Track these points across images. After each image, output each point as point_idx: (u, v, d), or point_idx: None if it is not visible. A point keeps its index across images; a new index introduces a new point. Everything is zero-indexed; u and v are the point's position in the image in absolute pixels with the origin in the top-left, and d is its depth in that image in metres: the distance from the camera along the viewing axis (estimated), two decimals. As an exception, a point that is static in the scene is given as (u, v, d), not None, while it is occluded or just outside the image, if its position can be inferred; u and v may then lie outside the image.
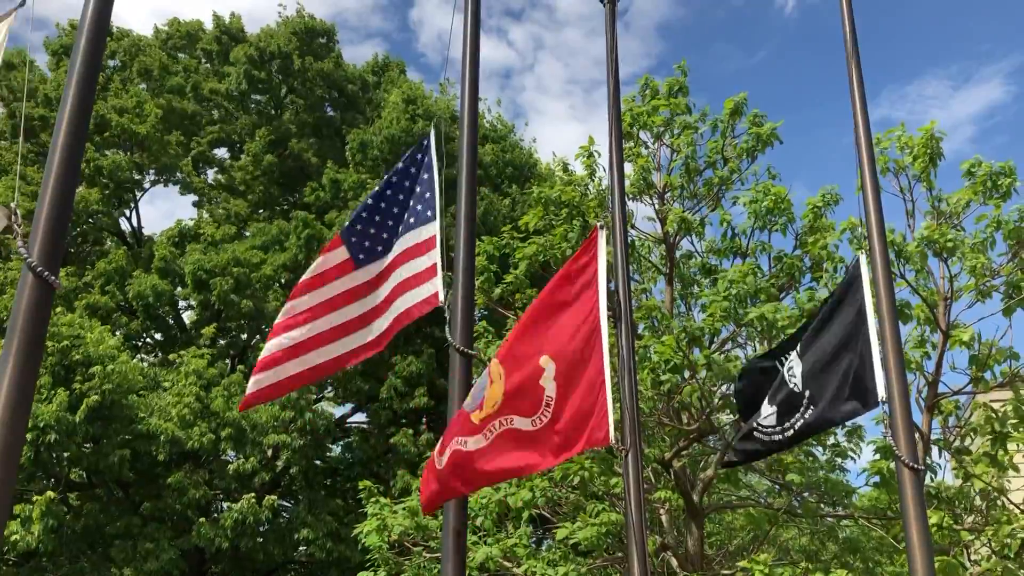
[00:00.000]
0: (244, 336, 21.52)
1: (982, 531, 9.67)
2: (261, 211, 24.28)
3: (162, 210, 59.11)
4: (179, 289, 20.83)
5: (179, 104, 24.10)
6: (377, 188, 5.85)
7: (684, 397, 10.19)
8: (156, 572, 16.12)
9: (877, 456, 9.83)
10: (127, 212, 23.81)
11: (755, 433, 5.93)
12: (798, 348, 5.80)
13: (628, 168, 12.14)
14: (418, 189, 5.73)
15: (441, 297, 5.34)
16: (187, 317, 22.40)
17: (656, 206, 12.30)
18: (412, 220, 5.66)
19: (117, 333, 19.42)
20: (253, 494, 16.91)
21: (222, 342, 21.04)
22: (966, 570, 9.49)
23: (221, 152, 26.15)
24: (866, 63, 6.16)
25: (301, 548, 19.19)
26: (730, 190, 12.11)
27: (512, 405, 4.73)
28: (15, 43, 23.56)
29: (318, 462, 19.72)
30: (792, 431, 5.73)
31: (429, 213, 5.63)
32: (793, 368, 5.78)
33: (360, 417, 22.31)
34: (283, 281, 20.84)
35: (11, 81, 21.91)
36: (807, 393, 5.64)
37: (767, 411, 5.87)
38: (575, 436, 4.71)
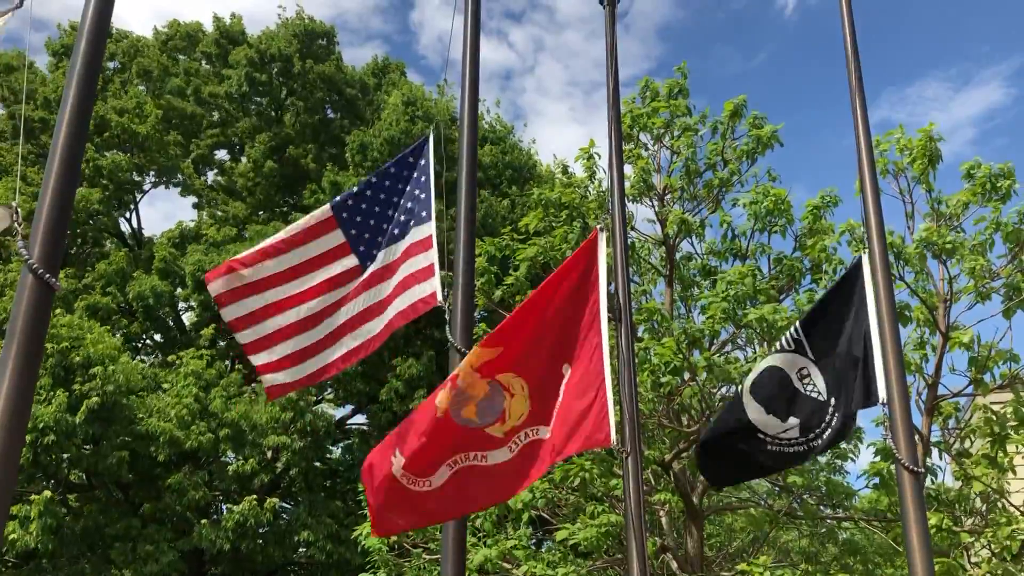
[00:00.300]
0: (244, 337, 21.48)
1: (982, 533, 9.67)
2: (261, 213, 24.29)
3: (163, 211, 59.12)
4: (179, 290, 20.83)
5: (179, 106, 24.12)
6: (376, 185, 5.83)
7: (684, 399, 10.19)
8: (156, 575, 16.11)
9: (877, 458, 9.82)
10: (127, 213, 23.84)
11: (770, 447, 5.83)
12: (810, 354, 5.74)
13: (628, 170, 12.14)
14: (416, 191, 5.75)
15: (439, 297, 5.35)
16: (187, 318, 22.41)
17: (656, 208, 12.30)
18: (412, 223, 5.69)
19: (117, 334, 19.42)
20: (254, 496, 16.90)
21: (221, 343, 21.04)
22: (966, 572, 9.48)
23: (221, 154, 26.19)
24: (866, 65, 6.16)
25: (301, 550, 19.18)
26: (730, 192, 12.12)
27: (539, 416, 4.74)
28: (15, 44, 23.57)
29: (318, 464, 19.72)
30: (821, 440, 5.67)
31: (424, 214, 5.65)
32: (811, 376, 5.72)
33: (360, 419, 22.34)
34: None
35: (12, 83, 21.93)
36: (832, 401, 5.62)
37: (782, 425, 5.76)
38: (573, 436, 4.70)
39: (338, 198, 5.82)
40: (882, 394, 5.12)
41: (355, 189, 5.86)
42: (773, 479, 11.68)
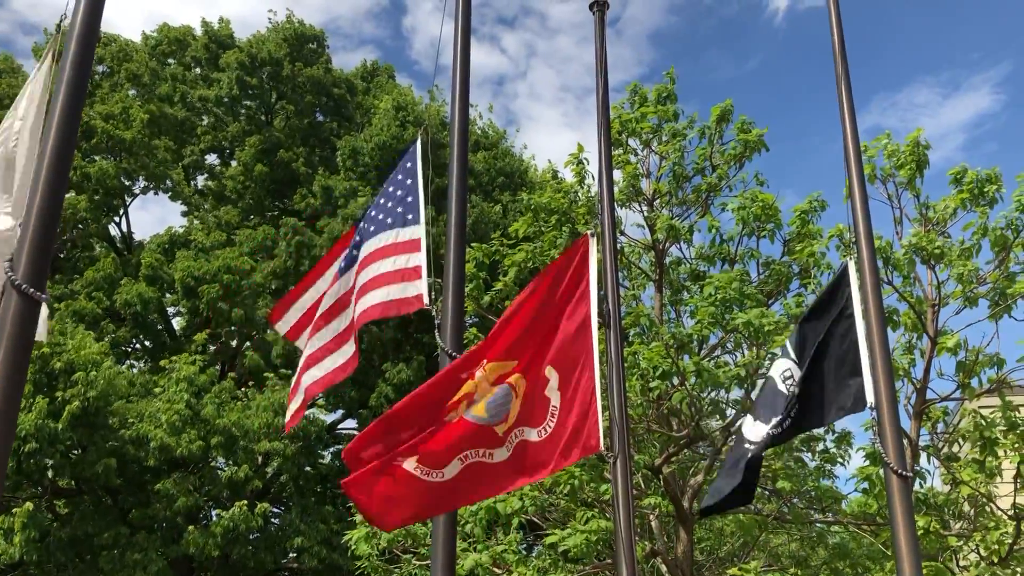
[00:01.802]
0: (234, 343, 21.45)
1: (970, 537, 9.71)
2: (251, 217, 24.22)
3: (156, 215, 59.01)
4: (167, 296, 20.73)
5: (169, 111, 24.03)
6: (381, 193, 5.97)
7: (673, 403, 10.20)
8: (145, 582, 15.98)
9: (866, 462, 9.86)
10: (116, 218, 23.71)
11: (745, 445, 5.82)
12: (793, 356, 5.75)
13: (617, 175, 12.16)
14: (399, 193, 5.77)
15: (426, 300, 5.34)
16: (176, 324, 22.31)
17: (645, 213, 12.32)
18: (390, 221, 5.70)
19: (105, 339, 19.28)
20: (244, 501, 16.81)
21: (212, 348, 20.96)
22: (954, 575, 9.53)
23: (211, 158, 26.10)
24: (856, 72, 6.19)
25: (292, 555, 19.10)
26: (718, 196, 12.15)
27: (524, 416, 4.77)
28: (5, 48, 23.47)
29: (309, 469, 19.64)
30: (781, 429, 5.67)
31: (410, 216, 5.65)
32: (793, 377, 5.73)
33: (351, 424, 22.27)
34: (273, 288, 20.76)
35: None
36: (794, 392, 5.63)
37: (764, 427, 5.76)
38: (572, 445, 4.74)
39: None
40: (870, 398, 5.13)
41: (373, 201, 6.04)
42: (763, 483, 11.70)
